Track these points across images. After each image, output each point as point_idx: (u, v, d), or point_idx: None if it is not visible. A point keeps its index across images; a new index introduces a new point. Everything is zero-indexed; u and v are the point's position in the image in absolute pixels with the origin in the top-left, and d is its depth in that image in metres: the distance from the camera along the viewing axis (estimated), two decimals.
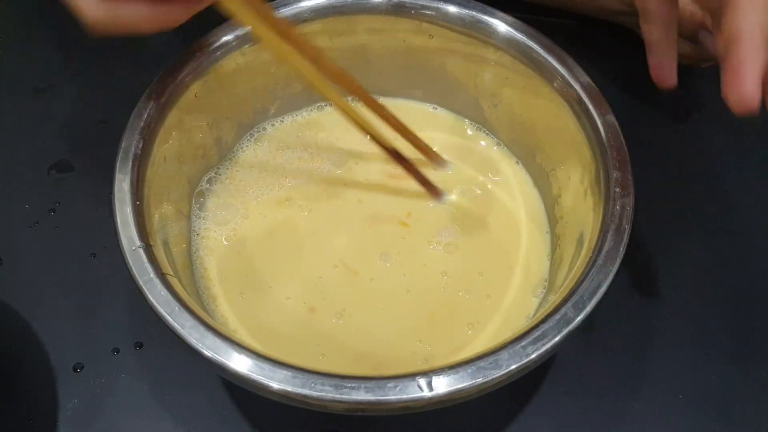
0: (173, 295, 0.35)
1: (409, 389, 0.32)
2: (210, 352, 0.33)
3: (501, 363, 0.33)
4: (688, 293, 0.49)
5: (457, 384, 0.33)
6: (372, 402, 0.32)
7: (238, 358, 0.33)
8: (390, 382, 0.32)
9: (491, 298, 0.44)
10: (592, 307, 0.35)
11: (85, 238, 0.49)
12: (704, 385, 0.46)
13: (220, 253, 0.45)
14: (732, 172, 0.55)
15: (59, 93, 0.57)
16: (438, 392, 0.32)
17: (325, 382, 0.32)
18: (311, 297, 0.44)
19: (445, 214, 0.47)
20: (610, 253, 0.37)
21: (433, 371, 0.33)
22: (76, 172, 0.53)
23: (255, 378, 0.33)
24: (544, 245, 0.46)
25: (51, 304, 0.47)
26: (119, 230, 0.37)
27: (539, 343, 0.34)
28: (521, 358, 0.33)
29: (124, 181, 0.38)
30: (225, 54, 0.45)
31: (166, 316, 0.34)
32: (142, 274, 0.35)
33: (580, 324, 0.35)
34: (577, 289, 0.36)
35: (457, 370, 0.33)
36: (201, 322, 0.34)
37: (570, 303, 0.35)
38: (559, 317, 0.35)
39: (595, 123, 0.41)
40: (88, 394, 0.44)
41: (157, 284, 0.35)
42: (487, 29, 0.46)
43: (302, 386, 0.32)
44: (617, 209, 0.38)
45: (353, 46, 0.49)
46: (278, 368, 0.33)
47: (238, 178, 0.48)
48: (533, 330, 0.34)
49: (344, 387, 0.32)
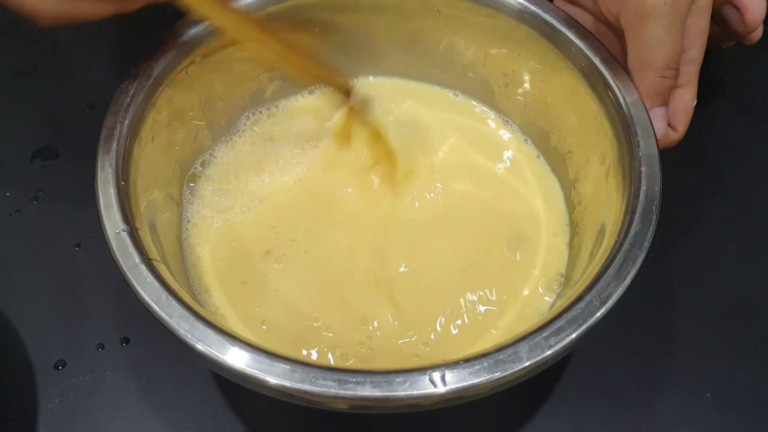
0: (160, 282, 0.32)
1: (420, 384, 0.30)
2: (200, 344, 0.30)
3: (521, 355, 0.30)
4: (716, 286, 0.47)
5: (472, 379, 0.30)
6: (379, 398, 0.29)
7: (232, 350, 0.30)
8: (399, 377, 0.30)
9: (504, 292, 0.41)
10: (619, 296, 0.32)
11: (69, 227, 0.47)
12: (733, 383, 0.43)
13: (213, 241, 0.43)
14: (755, 158, 0.53)
15: (44, 76, 0.55)
16: (451, 387, 0.30)
17: (327, 377, 0.30)
18: (311, 288, 0.41)
19: (455, 202, 0.45)
20: (638, 237, 0.34)
21: (447, 365, 0.30)
22: (60, 158, 0.51)
23: (249, 372, 0.30)
24: (562, 234, 0.44)
25: (31, 297, 0.45)
26: (102, 212, 0.34)
27: (561, 335, 0.31)
28: (543, 350, 0.31)
29: (107, 161, 0.36)
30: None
31: (152, 304, 0.32)
32: (126, 260, 0.33)
33: (606, 313, 0.32)
34: (602, 276, 0.33)
35: (473, 364, 0.30)
36: (191, 312, 0.31)
37: (594, 290, 0.32)
38: (583, 306, 0.32)
39: (617, 97, 0.39)
40: (70, 393, 0.41)
41: (143, 270, 0.33)
42: (498, 0, 0.43)
43: (302, 381, 0.29)
44: (644, 189, 0.35)
45: (356, 24, 0.46)
46: (275, 361, 0.30)
47: (233, 162, 0.46)
48: (555, 320, 0.32)
49: (348, 382, 0.29)
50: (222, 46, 0.43)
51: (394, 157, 0.45)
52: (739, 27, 0.47)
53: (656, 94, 0.38)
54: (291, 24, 0.44)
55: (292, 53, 0.41)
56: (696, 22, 0.40)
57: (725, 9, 0.47)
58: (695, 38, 0.41)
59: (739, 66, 0.56)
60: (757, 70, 0.56)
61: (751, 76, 0.56)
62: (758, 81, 0.56)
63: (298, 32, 0.45)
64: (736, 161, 0.53)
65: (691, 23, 0.40)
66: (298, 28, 0.45)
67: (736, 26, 0.47)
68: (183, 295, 0.32)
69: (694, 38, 0.41)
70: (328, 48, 0.46)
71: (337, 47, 0.47)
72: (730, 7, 0.47)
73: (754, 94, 0.56)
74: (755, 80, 0.56)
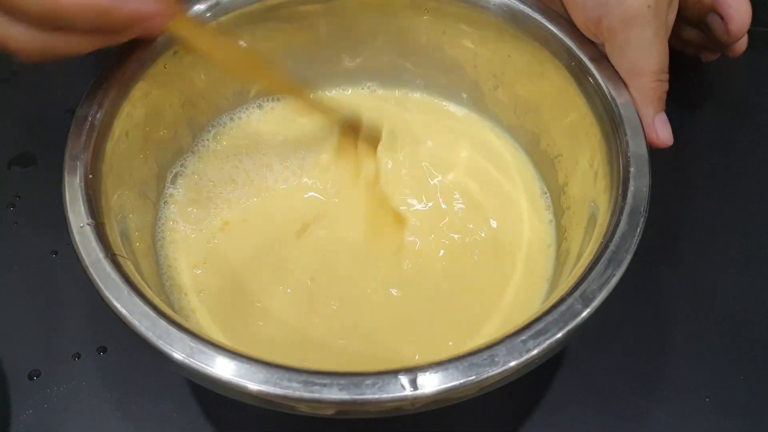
0: (123, 278, 0.31)
1: (390, 387, 0.28)
2: (161, 342, 0.29)
3: (498, 359, 0.29)
4: (713, 289, 0.46)
5: (446, 382, 0.28)
6: (347, 402, 0.28)
7: (193, 348, 0.29)
8: (368, 379, 0.28)
9: (490, 296, 0.40)
10: (602, 300, 0.31)
11: (46, 234, 0.46)
12: (733, 388, 0.42)
13: (189, 244, 0.42)
14: (746, 163, 0.52)
15: (23, 82, 0.54)
16: (424, 391, 0.28)
17: (292, 378, 0.28)
18: (294, 295, 0.40)
19: (441, 207, 0.44)
20: (625, 238, 0.33)
21: (419, 367, 0.29)
22: (39, 165, 0.50)
23: (210, 372, 0.28)
24: (548, 238, 0.42)
25: (5, 305, 0.44)
26: (66, 205, 0.33)
27: (541, 338, 0.30)
28: (521, 354, 0.29)
29: (76, 153, 0.35)
30: (198, 24, 0.41)
31: (113, 300, 0.30)
32: (89, 254, 0.32)
33: (589, 318, 0.31)
34: (585, 279, 0.31)
35: (446, 367, 0.29)
36: (152, 308, 0.30)
37: (577, 293, 0.31)
38: (564, 309, 0.30)
39: (606, 98, 0.38)
40: (45, 404, 0.40)
41: (106, 266, 0.31)
42: (487, 1, 0.42)
43: (265, 382, 0.28)
44: (632, 189, 0.34)
45: (342, 23, 0.45)
46: (238, 361, 0.28)
47: (213, 164, 0.45)
48: (535, 323, 0.30)
49: (314, 384, 0.28)
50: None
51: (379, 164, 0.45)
52: (723, 36, 0.47)
53: (658, 99, 0.38)
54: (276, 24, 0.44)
55: (279, 80, 0.42)
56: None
57: (710, 17, 0.47)
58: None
59: (727, 72, 0.55)
60: (745, 76, 0.56)
61: (739, 81, 0.56)
62: (747, 86, 0.56)
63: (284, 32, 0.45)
64: (730, 162, 0.52)
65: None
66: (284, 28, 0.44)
67: (721, 35, 0.47)
68: (146, 292, 0.31)
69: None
70: (313, 49, 0.45)
71: (321, 48, 0.46)
72: (715, 16, 0.46)
73: (742, 99, 0.55)
74: (744, 85, 0.56)
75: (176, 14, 0.36)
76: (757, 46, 0.50)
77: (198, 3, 0.41)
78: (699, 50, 0.51)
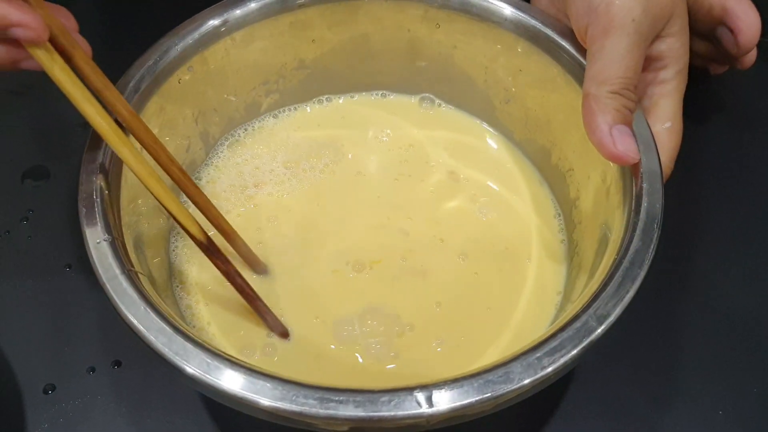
0: (140, 294, 0.31)
1: (406, 404, 0.28)
2: (178, 358, 0.29)
3: (513, 376, 0.29)
4: (726, 301, 0.46)
5: (461, 399, 0.28)
6: (362, 419, 0.28)
7: (206, 363, 0.29)
8: (384, 396, 0.28)
9: (500, 313, 0.40)
10: (616, 316, 0.31)
11: (60, 248, 0.46)
12: (746, 400, 0.42)
13: (201, 255, 0.41)
14: (757, 174, 0.52)
15: (37, 96, 0.54)
16: (439, 409, 0.28)
17: (308, 395, 0.28)
18: (301, 305, 0.40)
19: (449, 222, 0.44)
20: (638, 254, 0.33)
21: (435, 384, 0.29)
22: (52, 178, 0.50)
23: (226, 388, 0.28)
24: (560, 253, 0.42)
25: (20, 319, 0.44)
26: (83, 221, 0.33)
27: (556, 355, 0.30)
28: (536, 371, 0.29)
29: (92, 169, 0.35)
30: (212, 39, 0.42)
31: (129, 317, 0.30)
32: (106, 270, 0.32)
33: (603, 334, 0.31)
34: (600, 295, 0.31)
35: (461, 384, 0.29)
36: (169, 325, 0.30)
37: (591, 310, 0.31)
38: (579, 326, 0.30)
39: None
40: (60, 418, 0.40)
41: (123, 282, 0.31)
42: (497, 15, 0.42)
43: (281, 399, 0.28)
44: (645, 206, 0.34)
45: (354, 36, 0.46)
46: (254, 377, 0.29)
47: (225, 176, 0.45)
48: (550, 340, 0.30)
49: (330, 401, 0.28)
50: (219, 58, 0.42)
51: None
52: (732, 49, 0.47)
53: (614, 110, 0.36)
54: None
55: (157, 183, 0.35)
56: (669, 45, 0.40)
57: (719, 30, 0.47)
58: (669, 60, 0.40)
59: (736, 83, 0.55)
60: (754, 87, 0.56)
61: (748, 92, 0.56)
62: (756, 97, 0.56)
63: (296, 47, 0.45)
64: (740, 174, 0.52)
65: (664, 47, 0.40)
66: None
67: (730, 48, 0.47)
68: (162, 308, 0.31)
69: (668, 60, 0.40)
70: (320, 60, 0.45)
71: (334, 61, 0.46)
72: (724, 29, 0.46)
73: (751, 110, 0.55)
74: (753, 96, 0.56)
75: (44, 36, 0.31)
76: (766, 57, 0.50)
77: (212, 18, 0.41)
78: (708, 62, 0.51)
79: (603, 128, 0.36)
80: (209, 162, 0.45)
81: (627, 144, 0.35)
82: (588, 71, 0.37)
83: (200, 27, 0.41)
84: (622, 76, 0.36)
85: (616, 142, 0.35)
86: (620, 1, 0.37)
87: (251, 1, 0.42)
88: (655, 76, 0.41)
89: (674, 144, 0.40)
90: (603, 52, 0.37)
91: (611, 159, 0.36)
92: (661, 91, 0.41)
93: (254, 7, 0.42)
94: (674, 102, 0.41)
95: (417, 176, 0.46)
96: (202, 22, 0.41)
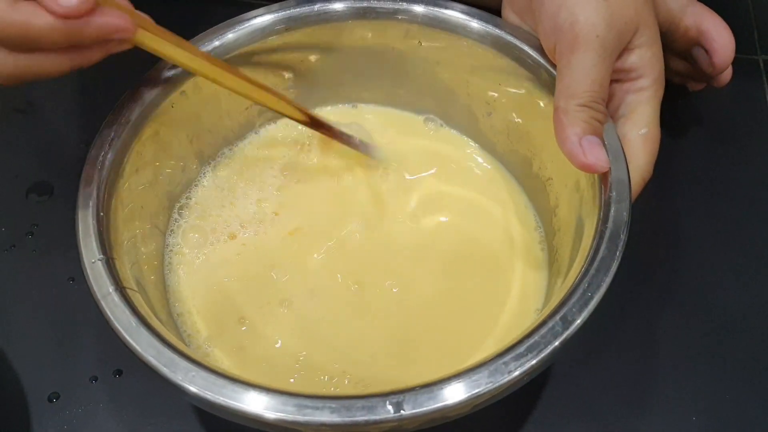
0: (132, 310, 0.33)
1: (379, 410, 0.30)
2: (166, 370, 0.31)
3: (480, 382, 0.30)
4: (702, 304, 0.46)
5: (431, 404, 0.30)
6: (338, 424, 0.30)
7: (190, 374, 0.31)
8: (358, 402, 0.30)
9: (483, 324, 0.41)
10: (583, 320, 0.32)
11: (63, 262, 0.47)
12: (719, 406, 0.43)
13: (195, 272, 0.43)
14: (732, 186, 0.53)
15: (40, 113, 0.56)
16: (410, 412, 0.30)
17: (286, 402, 0.30)
18: (293, 319, 0.41)
19: (433, 233, 0.45)
20: (604, 261, 0.34)
21: (407, 390, 0.30)
22: (56, 194, 0.51)
23: (202, 395, 0.30)
24: (541, 261, 0.43)
25: (25, 330, 0.45)
26: (80, 241, 0.35)
27: (522, 359, 0.31)
28: (503, 375, 0.31)
29: (89, 192, 0.37)
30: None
31: (121, 331, 0.32)
32: (100, 288, 0.34)
33: (570, 339, 0.32)
34: (567, 301, 0.33)
35: (431, 389, 0.30)
36: (159, 339, 0.32)
37: (558, 315, 0.32)
38: (545, 331, 0.32)
39: None
40: (64, 425, 0.42)
41: (116, 299, 0.33)
42: (471, 30, 0.44)
43: (264, 407, 0.30)
44: (612, 214, 0.35)
45: (339, 53, 0.47)
46: (234, 386, 0.30)
47: (217, 194, 0.46)
48: (517, 345, 0.31)
49: (306, 407, 0.30)
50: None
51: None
52: (708, 68, 0.48)
53: (583, 121, 0.37)
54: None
55: (251, 86, 0.42)
56: (640, 56, 0.41)
57: (695, 50, 0.48)
58: (643, 70, 0.41)
59: (713, 98, 0.56)
60: (730, 102, 0.57)
61: (724, 107, 0.56)
62: (732, 112, 0.56)
63: (284, 68, 0.47)
64: (717, 185, 0.52)
65: (635, 58, 0.41)
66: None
67: (705, 68, 0.48)
68: (153, 323, 0.33)
69: (642, 71, 0.41)
70: (310, 77, 0.47)
71: (319, 77, 0.48)
72: (700, 50, 0.47)
73: (727, 124, 0.56)
74: (729, 111, 0.56)
75: (143, 24, 0.36)
76: (741, 73, 0.50)
77: (201, 44, 0.43)
78: (686, 80, 0.52)
79: (573, 139, 0.37)
80: (203, 179, 0.47)
81: (597, 154, 0.37)
82: (557, 86, 0.39)
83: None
84: (589, 90, 0.38)
85: (586, 152, 0.37)
86: (584, 18, 0.38)
87: (243, 26, 0.44)
88: (632, 86, 0.42)
89: (651, 149, 0.41)
90: (570, 67, 0.38)
91: (582, 168, 0.37)
92: (638, 99, 0.42)
93: (245, 32, 0.44)
94: (651, 109, 0.42)
95: (400, 188, 0.47)
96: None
